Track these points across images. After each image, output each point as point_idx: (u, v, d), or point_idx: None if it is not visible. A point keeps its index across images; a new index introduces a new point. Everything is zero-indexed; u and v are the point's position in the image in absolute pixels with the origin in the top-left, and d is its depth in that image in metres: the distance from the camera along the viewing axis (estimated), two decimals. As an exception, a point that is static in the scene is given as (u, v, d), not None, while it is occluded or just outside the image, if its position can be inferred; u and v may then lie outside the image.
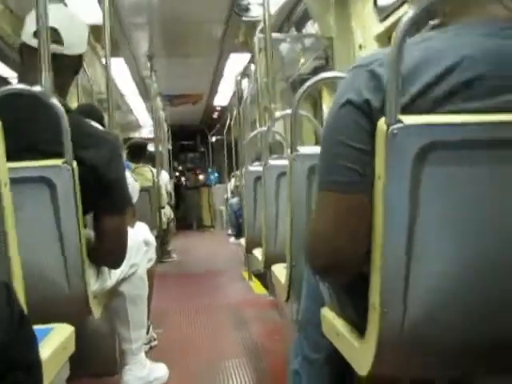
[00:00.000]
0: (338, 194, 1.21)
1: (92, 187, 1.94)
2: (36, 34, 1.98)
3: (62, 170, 1.85)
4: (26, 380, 1.07)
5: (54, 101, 1.84)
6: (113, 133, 2.20)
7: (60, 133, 1.85)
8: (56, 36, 2.04)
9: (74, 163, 1.86)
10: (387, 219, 1.10)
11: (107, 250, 2.10)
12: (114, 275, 2.32)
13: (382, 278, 1.13)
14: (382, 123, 1.09)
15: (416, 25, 1.08)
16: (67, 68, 2.14)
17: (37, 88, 1.85)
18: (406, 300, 1.14)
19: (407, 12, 1.07)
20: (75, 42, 2.13)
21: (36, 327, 1.33)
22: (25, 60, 2.10)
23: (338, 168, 1.20)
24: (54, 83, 1.93)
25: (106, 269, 2.26)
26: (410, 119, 1.09)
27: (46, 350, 1.45)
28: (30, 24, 2.06)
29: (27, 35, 2.07)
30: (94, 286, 2.09)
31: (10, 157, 1.30)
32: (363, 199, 1.18)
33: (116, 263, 2.20)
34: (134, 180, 3.94)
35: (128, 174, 2.27)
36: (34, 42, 2.02)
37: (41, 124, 1.94)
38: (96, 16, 5.15)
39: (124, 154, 5.70)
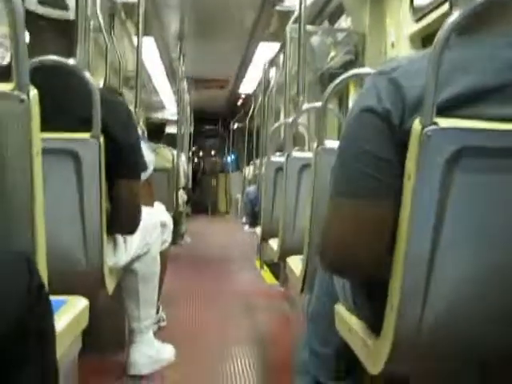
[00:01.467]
0: (357, 201, 1.20)
1: (109, 152, 1.94)
2: (42, 0, 1.95)
3: (89, 143, 1.86)
4: (40, 350, 1.09)
5: (87, 75, 1.85)
6: (124, 101, 2.18)
7: (90, 105, 1.86)
8: (62, 2, 2.00)
9: (101, 138, 1.87)
10: (414, 220, 1.10)
11: (122, 216, 2.11)
12: (128, 252, 2.33)
13: (403, 279, 1.13)
14: (416, 124, 1.08)
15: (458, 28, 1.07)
16: (65, 32, 2.04)
17: (71, 61, 1.86)
18: (425, 302, 1.14)
19: (452, 14, 1.06)
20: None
21: (51, 298, 1.35)
22: (31, 29, 2.05)
23: (357, 175, 1.19)
24: (66, 49, 1.92)
25: (121, 245, 2.27)
26: (445, 122, 1.08)
27: (60, 322, 1.47)
28: None
29: (31, 1, 1.99)
30: (109, 261, 2.11)
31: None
32: (382, 207, 1.17)
33: (131, 229, 2.20)
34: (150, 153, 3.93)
35: (144, 145, 2.27)
36: (40, 10, 1.98)
37: (71, 93, 1.95)
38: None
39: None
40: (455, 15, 1.06)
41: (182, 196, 7.42)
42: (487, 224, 1.12)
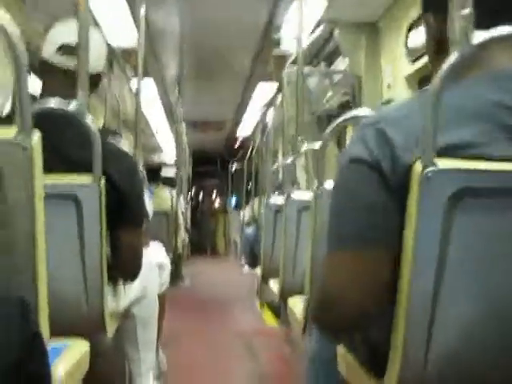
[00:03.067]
0: (351, 252, 1.18)
1: (111, 201, 1.95)
2: (60, 51, 1.99)
3: (90, 188, 1.87)
4: None
5: (89, 120, 1.87)
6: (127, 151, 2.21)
7: (90, 151, 1.87)
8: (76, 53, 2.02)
9: (103, 182, 1.88)
10: (416, 261, 1.10)
11: (123, 263, 2.12)
12: (127, 295, 2.32)
13: (407, 319, 1.12)
14: (417, 165, 1.08)
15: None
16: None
17: (71, 106, 1.88)
18: (430, 342, 1.13)
19: (449, 57, 1.07)
20: (94, 60, 2.10)
21: (52, 343, 1.34)
22: (45, 77, 2.09)
23: (350, 226, 1.18)
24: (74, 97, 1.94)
25: (121, 289, 2.27)
26: (445, 163, 1.09)
27: (61, 367, 1.46)
28: (52, 40, 2.06)
29: (49, 52, 2.06)
30: (109, 304, 2.10)
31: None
32: (377, 256, 1.16)
33: (132, 276, 2.21)
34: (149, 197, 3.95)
35: (145, 191, 2.30)
36: (56, 60, 2.03)
37: (72, 139, 1.97)
38: (126, 38, 5.25)
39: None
40: (452, 57, 1.07)
41: (183, 237, 7.41)
42: (490, 265, 1.12)
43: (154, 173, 6.52)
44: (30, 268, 1.21)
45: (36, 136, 1.21)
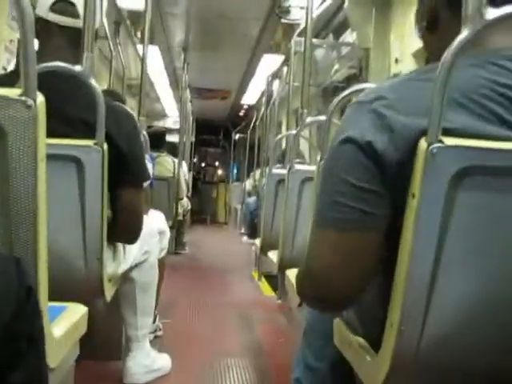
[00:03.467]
0: (337, 233, 1.17)
1: (111, 161, 1.94)
2: (54, 7, 1.95)
3: (92, 150, 1.86)
4: (29, 351, 1.08)
5: (93, 82, 1.85)
6: (130, 111, 2.19)
7: (94, 112, 1.86)
8: (73, 9, 2.00)
9: (105, 145, 1.87)
10: (416, 239, 1.09)
11: (124, 225, 2.12)
12: (127, 260, 2.33)
13: (404, 298, 1.12)
14: (422, 142, 1.08)
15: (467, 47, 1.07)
16: (72, 40, 2.03)
17: (77, 67, 1.87)
18: (426, 320, 1.13)
19: (461, 33, 1.06)
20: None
21: (51, 305, 1.35)
22: (41, 37, 2.02)
23: (338, 206, 1.17)
24: (73, 56, 1.93)
25: (120, 252, 2.28)
26: (451, 140, 1.08)
27: (59, 328, 1.47)
28: None
29: (43, 8, 2.00)
30: (108, 268, 2.11)
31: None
32: (364, 237, 1.16)
33: (132, 238, 2.21)
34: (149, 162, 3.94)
35: (145, 155, 2.29)
36: (51, 17, 1.99)
37: (76, 100, 1.96)
38: (134, 2, 5.21)
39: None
40: (464, 33, 1.05)
41: (184, 205, 7.42)
42: (490, 244, 1.12)
43: (158, 138, 6.49)
44: (31, 227, 1.20)
45: (40, 95, 1.20)
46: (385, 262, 1.17)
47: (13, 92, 1.17)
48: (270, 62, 7.93)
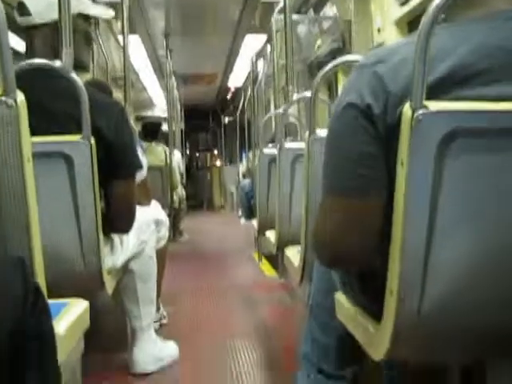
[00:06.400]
0: (347, 199, 1.22)
1: (102, 153, 1.94)
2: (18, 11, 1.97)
3: (80, 145, 1.86)
4: (41, 350, 1.09)
5: (74, 75, 1.85)
6: (117, 101, 2.19)
7: (77, 107, 1.85)
8: (23, 9, 2.01)
9: (92, 139, 1.87)
10: (409, 206, 1.10)
11: (117, 215, 2.12)
12: (125, 251, 2.33)
13: (401, 265, 1.13)
14: (407, 108, 1.08)
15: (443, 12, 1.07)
16: (47, 36, 2.04)
17: (57, 63, 1.86)
18: (424, 286, 1.14)
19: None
20: (42, 10, 2.03)
21: (52, 302, 1.35)
22: (25, 39, 2.07)
23: (345, 172, 1.20)
24: (43, 55, 1.92)
25: (118, 245, 2.28)
26: (435, 105, 1.08)
27: (62, 325, 1.47)
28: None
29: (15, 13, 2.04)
30: (107, 261, 2.11)
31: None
32: (371, 202, 1.19)
33: (126, 227, 2.22)
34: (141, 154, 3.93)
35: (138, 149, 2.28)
36: (19, 19, 2.02)
37: (59, 95, 1.95)
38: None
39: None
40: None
41: (178, 193, 7.41)
42: (484, 205, 1.12)
43: (153, 129, 6.47)
44: (24, 227, 1.20)
45: (21, 94, 1.19)
46: (384, 228, 1.18)
47: (-9, 93, 1.17)
48: (253, 42, 7.88)
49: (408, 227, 1.11)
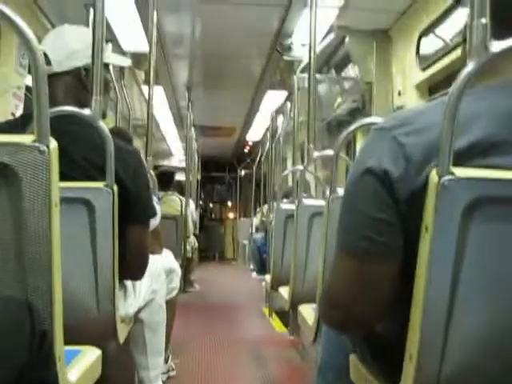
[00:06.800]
0: (356, 262, 1.20)
1: (118, 200, 1.94)
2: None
3: (102, 192, 1.87)
4: None
5: (102, 124, 1.87)
6: (136, 149, 2.22)
7: (103, 155, 1.88)
8: (46, 58, 2.00)
9: (115, 187, 1.88)
10: (431, 272, 1.09)
11: (130, 261, 2.11)
12: (137, 299, 2.32)
13: (421, 330, 1.12)
14: (433, 174, 1.08)
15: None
16: (67, 84, 2.07)
17: (86, 111, 1.89)
18: (444, 353, 1.12)
19: (467, 65, 1.07)
20: (61, 59, 2.06)
21: (65, 349, 1.34)
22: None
23: (359, 237, 1.19)
24: (63, 102, 1.95)
25: (131, 293, 2.27)
26: (461, 172, 1.08)
27: (74, 373, 1.46)
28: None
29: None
30: (120, 309, 2.10)
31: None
32: (382, 267, 1.18)
33: (138, 274, 2.19)
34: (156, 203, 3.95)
35: (154, 199, 2.30)
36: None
37: (85, 143, 1.98)
38: (138, 44, 5.28)
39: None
40: (470, 66, 1.07)
41: (192, 243, 7.42)
42: (505, 274, 1.11)
43: (167, 179, 6.52)
44: (46, 273, 1.21)
45: (53, 140, 1.21)
46: (399, 293, 1.17)
47: (26, 138, 1.19)
48: (273, 98, 7.98)
49: (430, 292, 1.10)
